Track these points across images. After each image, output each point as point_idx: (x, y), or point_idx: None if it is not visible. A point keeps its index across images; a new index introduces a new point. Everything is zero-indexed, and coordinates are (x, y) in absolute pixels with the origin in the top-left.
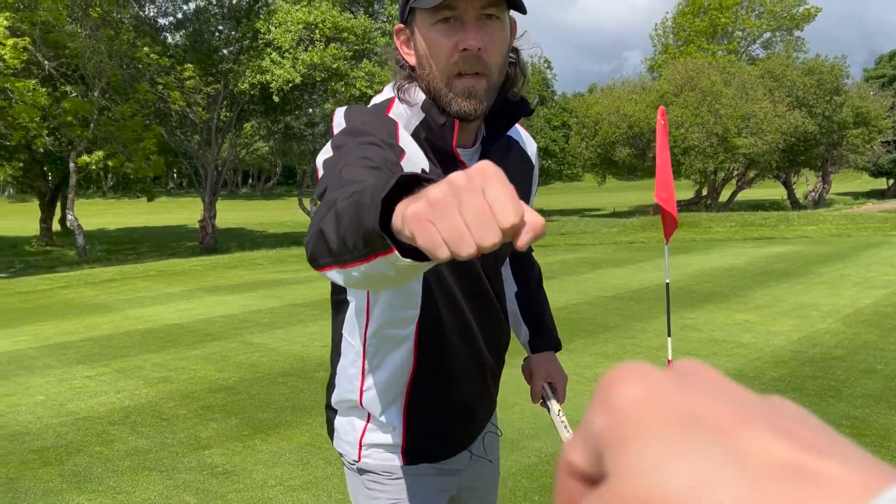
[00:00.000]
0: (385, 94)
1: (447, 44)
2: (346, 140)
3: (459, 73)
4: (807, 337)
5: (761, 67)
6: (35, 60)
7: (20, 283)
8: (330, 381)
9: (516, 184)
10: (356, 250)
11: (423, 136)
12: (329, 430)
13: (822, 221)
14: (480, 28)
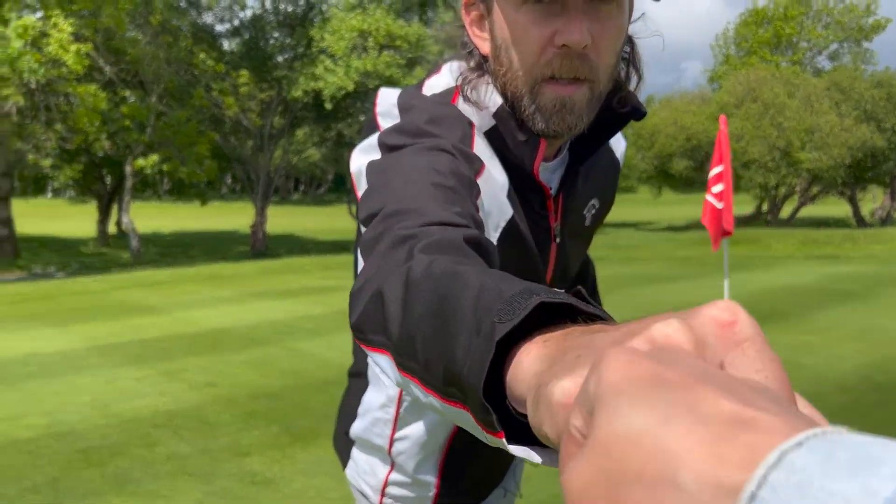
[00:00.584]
0: (443, 77)
1: (540, 34)
2: (403, 140)
3: (552, 77)
4: (874, 362)
5: (827, 79)
6: (97, 66)
7: (75, 283)
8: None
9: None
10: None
11: (493, 148)
12: (342, 458)
13: (890, 241)
14: (589, 15)
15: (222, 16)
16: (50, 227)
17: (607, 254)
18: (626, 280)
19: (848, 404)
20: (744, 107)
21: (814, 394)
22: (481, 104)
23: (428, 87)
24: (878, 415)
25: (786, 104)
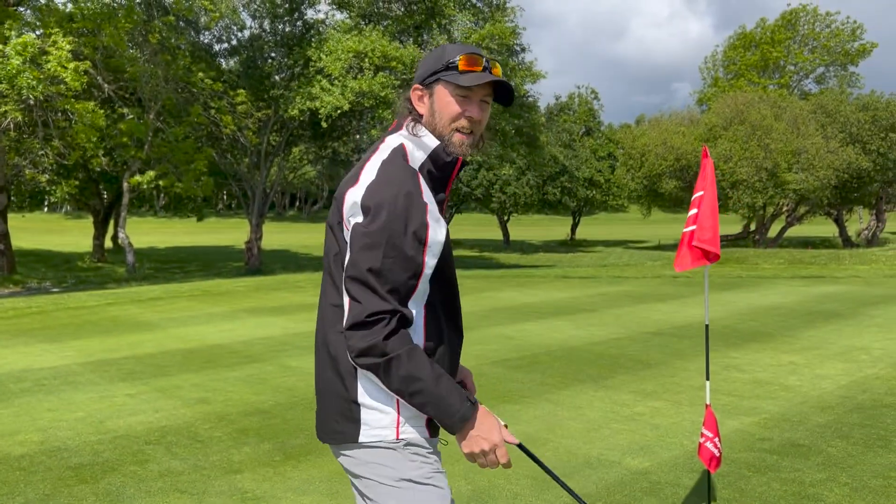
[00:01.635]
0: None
1: (459, 109)
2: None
3: (459, 130)
4: (856, 382)
5: (814, 102)
6: (95, 83)
7: (70, 298)
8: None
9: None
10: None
11: (427, 168)
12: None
13: (874, 261)
14: (480, 105)
15: (220, 35)
16: (46, 241)
17: (597, 273)
18: (614, 299)
19: (829, 424)
20: (732, 128)
21: (796, 413)
22: (424, 142)
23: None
24: (858, 435)
25: (773, 126)
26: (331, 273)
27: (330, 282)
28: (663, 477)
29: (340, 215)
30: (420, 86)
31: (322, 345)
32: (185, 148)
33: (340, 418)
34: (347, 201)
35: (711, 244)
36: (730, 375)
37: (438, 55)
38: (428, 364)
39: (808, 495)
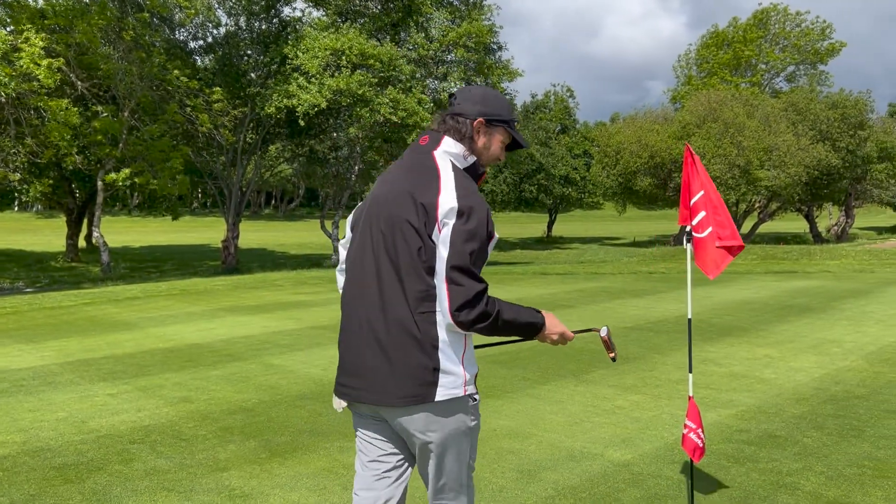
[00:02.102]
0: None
1: (501, 153)
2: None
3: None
4: (829, 374)
5: (785, 100)
6: (69, 81)
7: (46, 298)
8: (431, 353)
9: None
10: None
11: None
12: (427, 394)
13: (844, 256)
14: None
15: (196, 33)
16: (17, 241)
17: (574, 269)
18: (592, 294)
19: (804, 415)
20: (705, 126)
21: (772, 405)
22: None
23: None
24: (832, 425)
25: (745, 124)
26: (415, 259)
27: (414, 268)
28: (645, 468)
29: (431, 217)
30: (485, 121)
31: (393, 325)
32: (160, 146)
33: (419, 384)
34: (442, 207)
35: (733, 238)
36: (707, 369)
37: (507, 107)
38: (508, 305)
39: (785, 484)
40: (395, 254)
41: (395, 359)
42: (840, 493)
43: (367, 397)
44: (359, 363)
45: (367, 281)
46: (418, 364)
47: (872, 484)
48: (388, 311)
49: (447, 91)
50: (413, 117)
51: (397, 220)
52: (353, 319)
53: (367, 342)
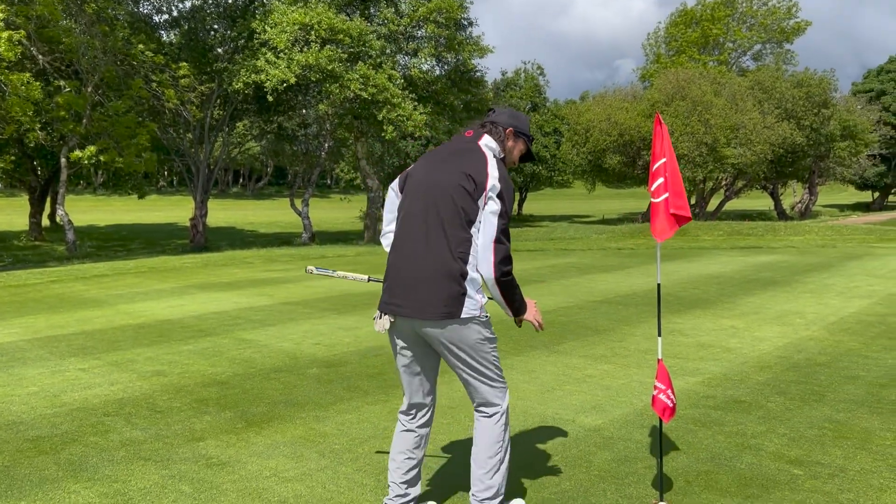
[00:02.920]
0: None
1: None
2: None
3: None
4: (791, 343)
5: (751, 79)
6: (29, 55)
7: (10, 276)
8: (461, 282)
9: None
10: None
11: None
12: (456, 308)
13: (807, 232)
14: None
15: (160, 6)
16: None
17: (544, 245)
18: (562, 270)
19: (768, 382)
20: (673, 104)
21: (737, 373)
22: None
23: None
24: (795, 391)
25: (712, 102)
26: (460, 214)
27: (458, 221)
28: (615, 433)
29: (479, 188)
30: (514, 131)
31: (436, 261)
32: (126, 122)
33: (451, 302)
34: (490, 183)
35: (684, 209)
36: (674, 339)
37: (528, 126)
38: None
39: (749, 446)
40: (445, 209)
41: (435, 286)
42: (801, 453)
43: (411, 313)
44: (407, 287)
45: (417, 227)
46: (451, 291)
47: (832, 444)
48: (433, 250)
49: (417, 67)
50: (383, 93)
51: (451, 184)
52: (403, 255)
53: (415, 273)
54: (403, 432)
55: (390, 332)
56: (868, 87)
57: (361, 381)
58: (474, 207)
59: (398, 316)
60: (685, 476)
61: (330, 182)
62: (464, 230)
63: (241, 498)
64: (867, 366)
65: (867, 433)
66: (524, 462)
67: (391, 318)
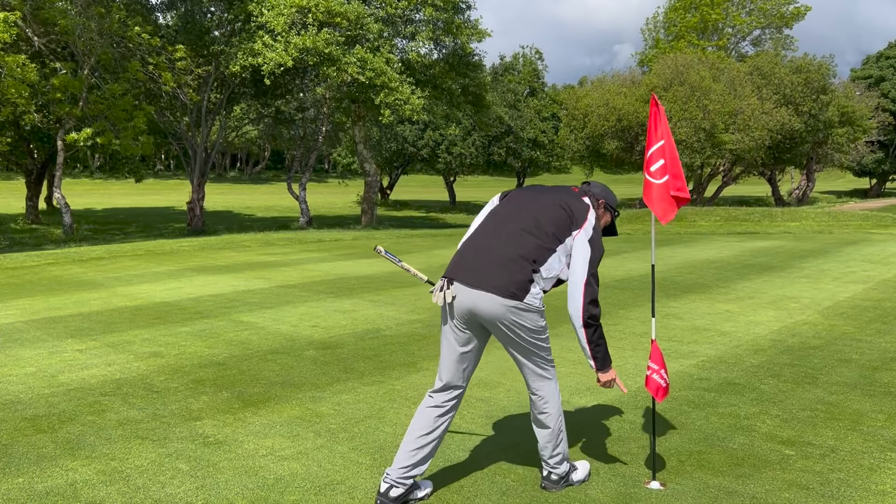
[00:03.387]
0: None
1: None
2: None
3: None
4: (786, 327)
5: (750, 64)
6: (25, 36)
7: (7, 259)
8: (529, 275)
9: None
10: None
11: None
12: (522, 293)
13: (804, 218)
14: None
15: None
16: None
17: None
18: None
19: (762, 364)
20: (671, 89)
21: (731, 356)
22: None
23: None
24: (788, 373)
25: (711, 87)
26: (549, 229)
27: (544, 232)
28: (609, 413)
29: (576, 222)
30: (605, 203)
31: (515, 257)
32: (122, 105)
33: (518, 287)
34: (587, 224)
35: (683, 191)
36: (669, 323)
37: (616, 200)
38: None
39: (742, 426)
40: (536, 219)
41: (506, 269)
42: (793, 434)
43: (479, 285)
44: (478, 265)
45: (502, 225)
46: (520, 277)
47: (824, 425)
48: (511, 244)
49: (415, 50)
50: (381, 77)
51: (551, 204)
52: (479, 241)
53: (489, 255)
54: (428, 408)
55: (446, 308)
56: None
57: (358, 362)
58: (565, 232)
59: (465, 286)
60: (678, 456)
61: (328, 167)
62: (547, 241)
63: (238, 476)
64: (861, 349)
65: (859, 414)
66: (517, 440)
67: (453, 294)
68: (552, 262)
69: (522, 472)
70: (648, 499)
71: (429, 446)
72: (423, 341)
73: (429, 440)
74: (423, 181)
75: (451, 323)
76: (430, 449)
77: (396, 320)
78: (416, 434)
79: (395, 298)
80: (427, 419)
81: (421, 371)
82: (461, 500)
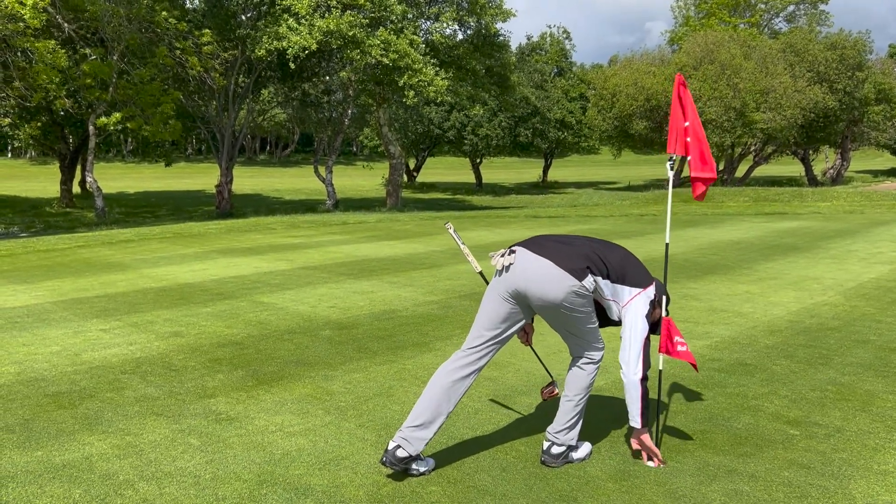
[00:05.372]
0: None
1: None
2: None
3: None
4: (805, 308)
5: (783, 41)
6: (55, 23)
7: (40, 241)
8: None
9: None
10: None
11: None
12: (579, 277)
13: (835, 198)
14: None
15: None
16: (12, 187)
17: (566, 212)
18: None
19: (776, 345)
20: (701, 68)
21: (746, 337)
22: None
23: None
24: (802, 355)
25: (742, 65)
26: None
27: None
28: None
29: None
30: (657, 305)
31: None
32: (151, 90)
33: (576, 272)
34: (649, 290)
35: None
36: (687, 304)
37: (665, 296)
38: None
39: (749, 406)
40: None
41: (568, 258)
42: (800, 414)
43: (546, 255)
44: (553, 246)
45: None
46: (578, 265)
47: (833, 406)
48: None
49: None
50: (405, 59)
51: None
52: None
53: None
54: (451, 369)
55: (498, 278)
56: None
57: (371, 342)
58: (620, 277)
59: (528, 251)
60: (680, 435)
61: (355, 149)
62: (605, 268)
63: (246, 451)
64: (879, 330)
65: (869, 395)
66: (522, 419)
67: (512, 261)
68: (602, 284)
69: (524, 449)
70: (647, 476)
71: (437, 409)
72: (438, 322)
73: (438, 402)
74: (449, 163)
75: (498, 290)
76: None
77: (413, 301)
78: (430, 391)
79: (414, 280)
80: (445, 376)
81: (433, 351)
82: (460, 476)
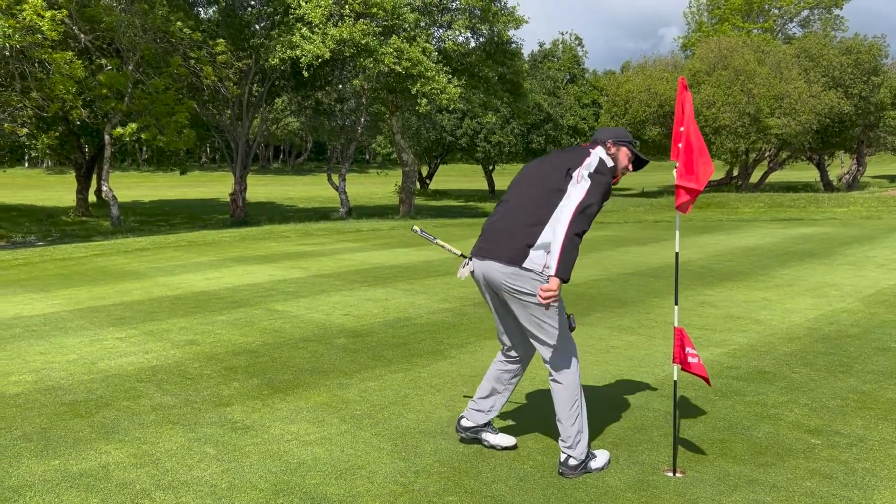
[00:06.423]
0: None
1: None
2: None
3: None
4: (824, 315)
5: (797, 46)
6: (72, 34)
7: (56, 250)
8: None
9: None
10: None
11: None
12: (519, 259)
13: (852, 204)
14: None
15: None
16: (28, 197)
17: None
18: (596, 243)
19: (795, 353)
20: (715, 74)
21: (764, 344)
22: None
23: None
24: (821, 362)
25: (756, 71)
26: (549, 187)
27: (544, 191)
28: (634, 401)
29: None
30: (613, 141)
31: (519, 225)
32: (165, 100)
33: (517, 253)
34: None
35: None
36: (703, 311)
37: (626, 134)
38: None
39: (768, 415)
40: (537, 182)
41: (508, 236)
42: (821, 423)
43: (487, 255)
44: (489, 236)
45: (511, 195)
46: (519, 243)
47: (854, 414)
48: (516, 210)
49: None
50: (417, 67)
51: (552, 166)
52: (495, 214)
53: (497, 226)
54: (497, 361)
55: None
56: None
57: (386, 350)
58: (565, 181)
59: (477, 258)
60: (700, 444)
61: (368, 157)
62: (549, 197)
63: (262, 460)
64: None
65: (892, 404)
66: (540, 427)
67: (471, 269)
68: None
69: (541, 459)
70: (666, 486)
71: (492, 398)
72: (452, 329)
73: (493, 389)
74: (462, 170)
75: (484, 293)
76: (495, 401)
77: (427, 308)
78: (485, 381)
79: (428, 287)
80: (493, 368)
81: (448, 359)
82: (478, 486)
